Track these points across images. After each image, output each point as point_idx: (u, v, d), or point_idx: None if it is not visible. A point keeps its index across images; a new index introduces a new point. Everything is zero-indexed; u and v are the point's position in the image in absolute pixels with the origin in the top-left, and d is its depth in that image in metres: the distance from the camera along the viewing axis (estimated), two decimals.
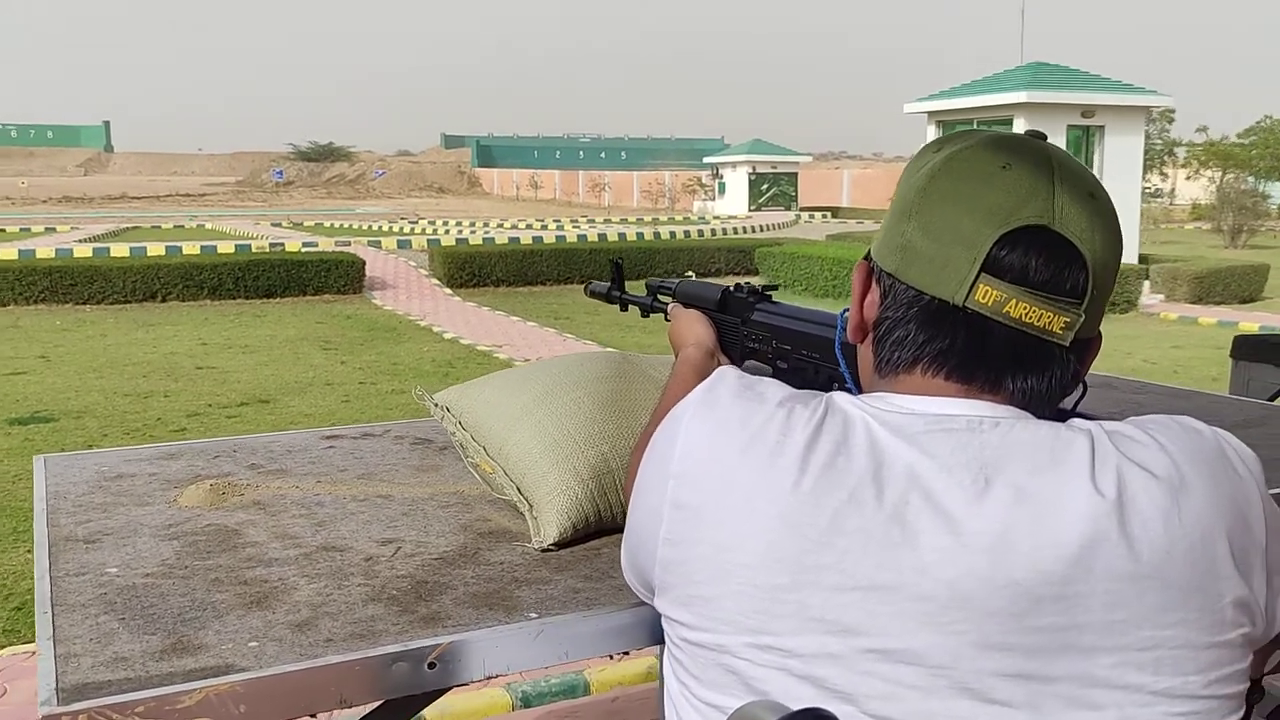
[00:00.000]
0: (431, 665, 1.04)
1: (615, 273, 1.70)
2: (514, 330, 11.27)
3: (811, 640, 0.79)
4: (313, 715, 1.00)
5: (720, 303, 1.42)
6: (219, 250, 16.70)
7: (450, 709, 2.98)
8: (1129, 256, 16.12)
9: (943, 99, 17.67)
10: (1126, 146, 16.74)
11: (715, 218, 31.60)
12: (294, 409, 7.24)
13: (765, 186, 35.27)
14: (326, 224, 29.62)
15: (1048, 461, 0.80)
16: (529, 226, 26.24)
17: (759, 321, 1.35)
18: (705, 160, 39.76)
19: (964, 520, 0.78)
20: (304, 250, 16.53)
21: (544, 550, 1.31)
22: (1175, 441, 0.82)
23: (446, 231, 24.04)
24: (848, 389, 0.95)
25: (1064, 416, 0.87)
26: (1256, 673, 1.15)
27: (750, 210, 34.21)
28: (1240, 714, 0.81)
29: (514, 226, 26.50)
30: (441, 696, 1.10)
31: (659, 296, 1.60)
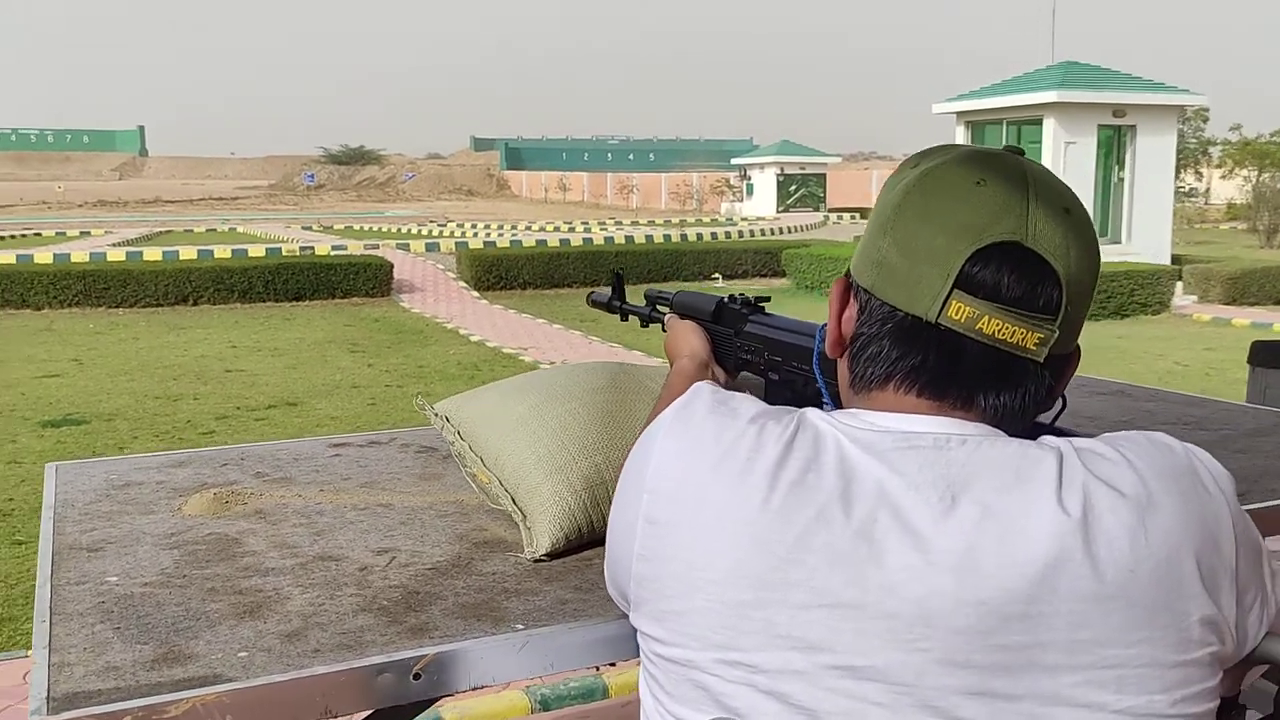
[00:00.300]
0: (417, 676, 1.05)
1: (616, 283, 1.71)
2: (541, 333, 11.30)
3: (777, 656, 0.79)
4: None
5: (715, 314, 1.42)
6: (250, 254, 16.90)
7: (469, 712, 2.99)
8: (1162, 257, 15.94)
9: (972, 99, 17.56)
10: (1159, 146, 16.58)
11: (743, 219, 31.51)
12: (321, 411, 7.30)
13: (793, 188, 35.08)
14: (356, 227, 29.82)
15: (1014, 480, 0.80)
16: (556, 229, 26.24)
17: (751, 333, 1.36)
18: (733, 161, 39.59)
19: (931, 538, 0.78)
20: (333, 254, 16.70)
21: (536, 560, 1.32)
22: (1144, 459, 0.82)
23: (475, 234, 24.13)
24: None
25: (1038, 433, 0.87)
26: (1231, 691, 1.14)
27: (778, 211, 34.02)
28: None
29: (542, 229, 26.52)
30: (437, 700, 1.11)
31: (657, 307, 1.61)
